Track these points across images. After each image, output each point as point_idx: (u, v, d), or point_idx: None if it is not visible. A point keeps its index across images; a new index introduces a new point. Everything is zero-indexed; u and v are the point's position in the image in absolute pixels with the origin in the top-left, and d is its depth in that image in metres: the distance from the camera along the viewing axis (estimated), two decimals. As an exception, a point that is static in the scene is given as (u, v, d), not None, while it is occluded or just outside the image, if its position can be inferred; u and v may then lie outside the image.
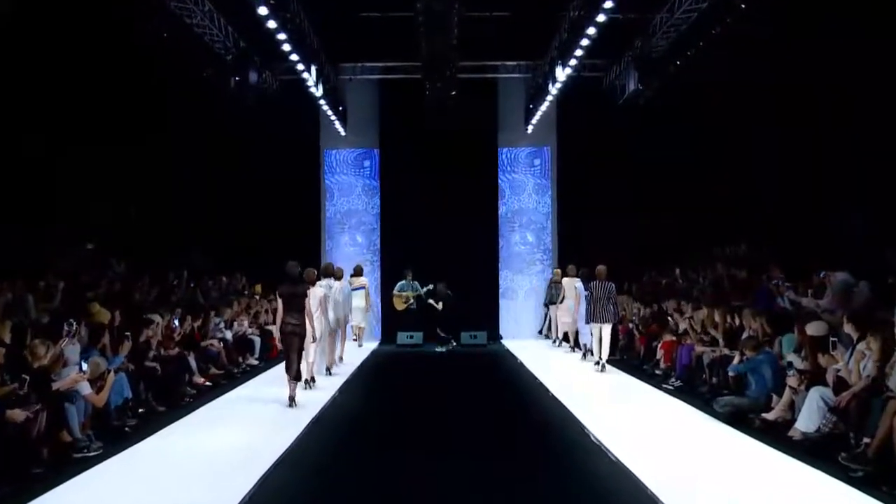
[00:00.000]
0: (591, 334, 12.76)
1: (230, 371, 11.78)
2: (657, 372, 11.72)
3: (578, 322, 13.89)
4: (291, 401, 9.20)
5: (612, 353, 13.50)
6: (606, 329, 12.36)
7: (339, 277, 13.00)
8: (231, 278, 15.84)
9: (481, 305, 17.11)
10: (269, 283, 16.14)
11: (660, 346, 11.98)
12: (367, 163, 18.07)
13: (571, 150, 17.50)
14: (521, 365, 13.43)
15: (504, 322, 17.85)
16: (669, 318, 12.38)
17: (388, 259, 17.56)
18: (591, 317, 12.40)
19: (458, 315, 16.08)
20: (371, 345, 16.41)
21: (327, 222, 18.00)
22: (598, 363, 12.22)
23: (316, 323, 9.87)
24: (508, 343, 16.77)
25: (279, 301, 9.37)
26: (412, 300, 16.22)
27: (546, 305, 16.43)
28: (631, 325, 13.79)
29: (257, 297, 15.24)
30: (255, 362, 13.00)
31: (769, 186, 14.78)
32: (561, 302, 14.83)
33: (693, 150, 15.97)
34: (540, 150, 18.05)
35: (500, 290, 17.85)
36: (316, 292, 10.45)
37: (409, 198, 17.31)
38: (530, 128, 17.67)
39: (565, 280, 14.88)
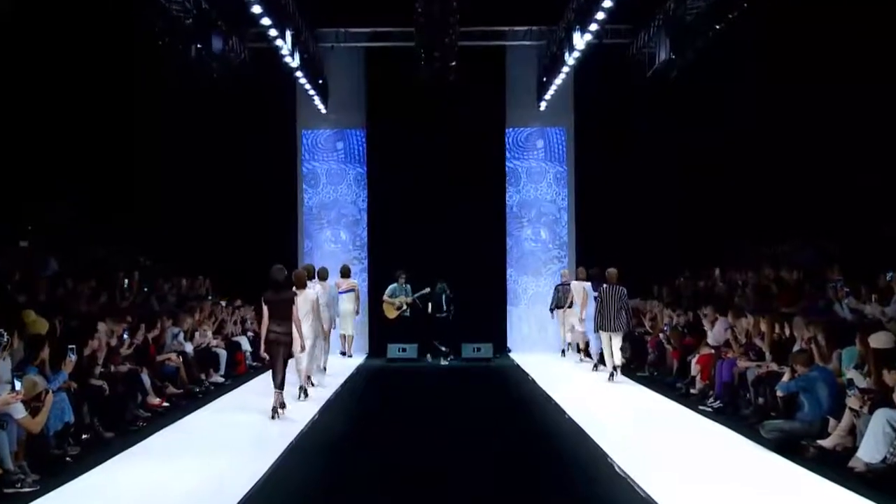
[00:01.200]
0: (602, 342, 13.27)
1: (191, 390, 11.78)
2: (693, 391, 11.72)
3: (585, 327, 14.44)
4: (274, 412, 9.91)
5: (639, 368, 13.61)
6: (616, 340, 12.92)
7: (323, 278, 13.14)
8: (192, 281, 15.80)
9: (486, 313, 17.14)
10: (239, 286, 16.20)
11: (696, 360, 11.96)
12: (352, 146, 18.07)
13: (591, 132, 17.53)
14: (533, 382, 13.43)
15: (513, 332, 17.87)
16: (707, 329, 12.37)
17: (377, 259, 17.57)
18: (600, 325, 12.94)
19: (459, 324, 16.18)
20: (357, 359, 16.40)
21: (305, 217, 17.98)
22: (611, 375, 12.87)
23: (308, 329, 10.61)
24: (518, 357, 16.80)
25: (264, 308, 10.04)
26: (405, 307, 16.20)
27: (552, 311, 16.57)
28: (662, 336, 13.79)
29: (223, 305, 15.20)
30: (221, 380, 13.02)
31: (826, 174, 14.73)
32: (569, 307, 15.22)
33: (735, 132, 15.94)
34: (554, 131, 18.05)
35: (508, 295, 17.86)
36: (308, 295, 11.00)
37: (401, 187, 17.33)
38: (543, 105, 17.67)
39: (574, 283, 15.24)
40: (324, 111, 17.75)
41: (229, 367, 13.60)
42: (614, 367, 13.04)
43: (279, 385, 10.01)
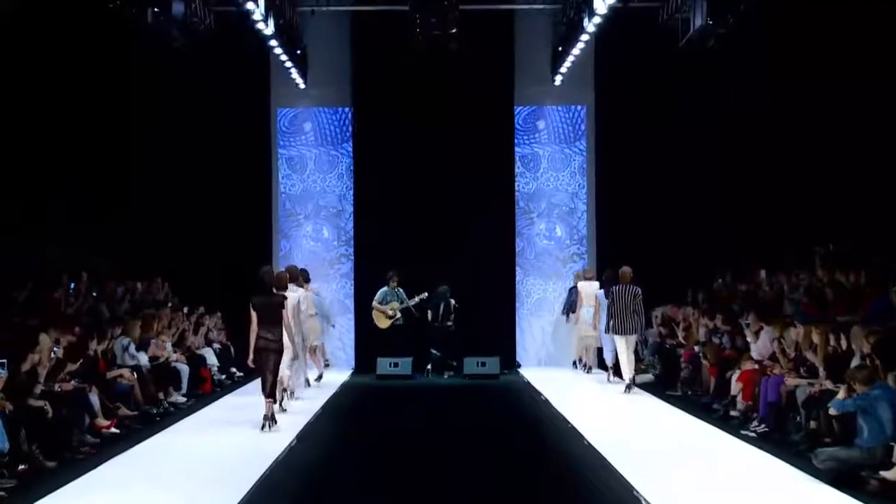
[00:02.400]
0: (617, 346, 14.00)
1: (146, 412, 11.76)
2: (733, 413, 11.72)
3: (600, 334, 15.05)
4: (266, 420, 10.73)
5: (671, 386, 13.96)
6: (629, 342, 13.76)
7: (306, 280, 13.46)
8: (148, 284, 15.77)
9: (492, 322, 17.14)
10: (203, 291, 16.17)
11: (736, 377, 11.94)
12: (335, 127, 18.04)
13: (615, 111, 17.47)
14: (546, 403, 13.41)
15: (524, 344, 17.88)
16: (750, 340, 12.37)
17: (364, 259, 17.54)
18: (612, 327, 13.83)
19: (461, 335, 16.27)
20: (341, 375, 16.38)
21: (280, 209, 17.98)
22: (627, 387, 13.67)
23: (291, 337, 11.30)
24: (528, 372, 16.79)
25: (253, 313, 10.79)
26: (398, 314, 16.17)
27: (566, 314, 16.91)
28: (697, 349, 13.77)
29: (184, 312, 15.20)
30: (182, 399, 13.01)
31: (890, 162, 14.69)
32: (573, 311, 15.76)
33: (783, 111, 15.90)
34: (572, 110, 18.03)
35: (518, 301, 17.83)
36: (290, 299, 11.55)
37: (392, 175, 17.29)
38: (559, 79, 17.61)
39: (582, 285, 15.66)
40: (302, 86, 17.68)
41: (192, 384, 13.55)
42: (631, 380, 13.80)
43: (270, 394, 10.75)
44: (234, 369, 15.71)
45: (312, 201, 17.97)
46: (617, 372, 14.71)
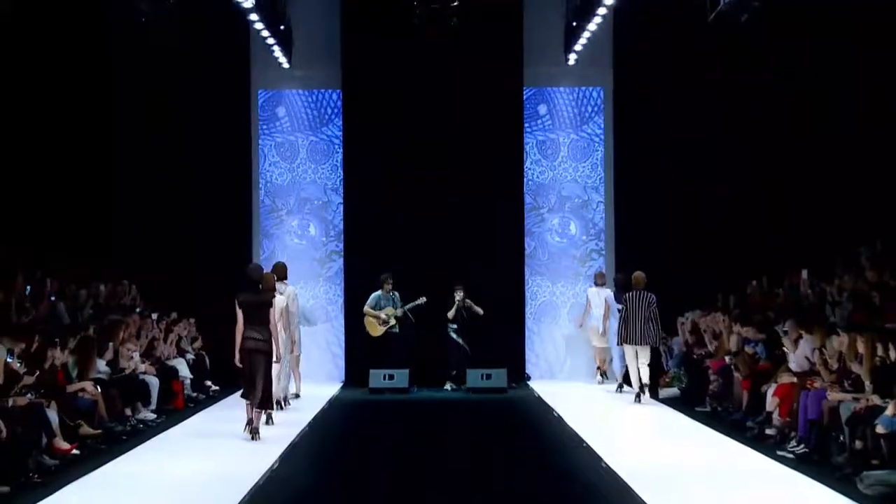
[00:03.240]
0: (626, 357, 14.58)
1: (111, 430, 11.68)
2: (769, 432, 11.71)
3: (609, 343, 15.89)
4: (249, 425, 11.30)
5: (699, 401, 14.05)
6: (643, 353, 14.30)
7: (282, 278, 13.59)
8: (114, 287, 15.73)
9: (499, 329, 17.13)
10: (175, 295, 16.14)
11: (773, 391, 11.94)
12: (323, 111, 18.02)
13: (637, 93, 17.47)
14: (560, 420, 13.41)
15: (535, 355, 17.89)
16: (785, 349, 12.38)
17: (354, 259, 17.51)
18: (624, 337, 14.34)
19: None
20: (330, 389, 16.38)
21: (262, 205, 17.97)
22: (637, 396, 14.29)
23: (277, 338, 11.74)
24: (540, 386, 16.79)
25: (238, 312, 11.40)
26: (393, 321, 16.18)
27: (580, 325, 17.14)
28: (728, 360, 13.77)
29: (153, 319, 15.20)
30: (151, 416, 13.00)
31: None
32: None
33: (825, 94, 15.87)
34: (588, 91, 18.02)
35: (528, 307, 17.84)
36: (278, 301, 12.08)
37: (387, 164, 17.29)
38: (573, 58, 17.62)
39: (591, 291, 16.13)
40: (286, 66, 17.71)
41: (162, 399, 13.53)
42: (641, 387, 14.33)
43: (260, 404, 11.35)
44: (209, 382, 15.72)
45: (295, 194, 17.94)
46: (628, 382, 15.01)
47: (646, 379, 14.33)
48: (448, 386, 16.43)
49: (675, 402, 14.65)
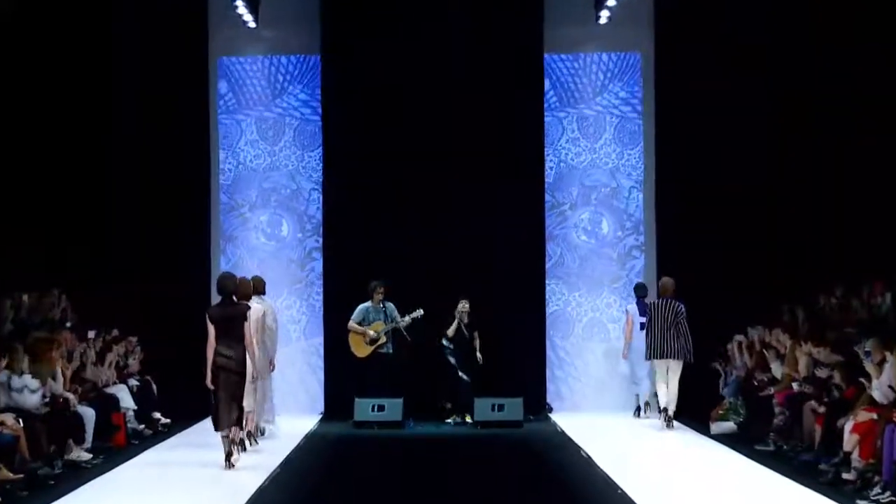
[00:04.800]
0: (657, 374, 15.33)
1: (35, 472, 11.62)
2: (846, 476, 11.62)
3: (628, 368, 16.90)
4: (228, 461, 12.07)
5: (759, 438, 14.21)
6: (673, 368, 15.11)
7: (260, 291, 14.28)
8: (40, 298, 15.67)
9: (514, 352, 17.21)
10: (115, 308, 16.12)
11: (851, 426, 11.86)
12: (300, 81, 18.11)
13: (682, 59, 17.48)
14: (588, 462, 13.40)
15: (558, 382, 17.94)
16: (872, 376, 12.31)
17: (337, 266, 17.57)
18: (651, 351, 15.18)
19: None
20: (307, 422, 16.44)
21: (222, 200, 18.04)
22: (666, 418, 15.12)
23: (253, 355, 12.47)
24: (564, 419, 16.85)
25: (210, 327, 12.08)
26: (383, 338, 16.21)
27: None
28: (796, 388, 13.82)
29: (90, 337, 15.22)
30: (87, 456, 13.02)
31: None
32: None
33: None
34: (624, 57, 18.11)
35: (549, 323, 17.89)
36: (254, 311, 12.89)
37: (376, 148, 17.36)
38: (605, 16, 17.68)
39: (633, 308, 16.76)
40: (253, 26, 17.78)
41: (100, 435, 13.57)
42: (666, 412, 15.19)
43: (230, 423, 12.11)
44: (157, 414, 15.72)
45: (255, 185, 18.02)
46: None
47: (673, 398, 15.13)
48: (451, 419, 16.43)
49: (731, 438, 14.67)
